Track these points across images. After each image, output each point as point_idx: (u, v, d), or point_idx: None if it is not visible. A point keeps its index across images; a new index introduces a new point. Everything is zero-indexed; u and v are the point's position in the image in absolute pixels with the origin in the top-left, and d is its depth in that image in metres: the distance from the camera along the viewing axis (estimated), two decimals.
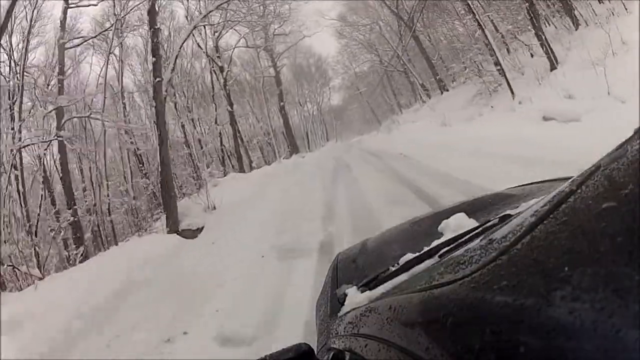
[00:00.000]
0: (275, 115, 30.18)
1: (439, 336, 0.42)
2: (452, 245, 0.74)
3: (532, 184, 1.33)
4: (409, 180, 6.80)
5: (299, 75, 37.12)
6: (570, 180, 0.47)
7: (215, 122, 19.80)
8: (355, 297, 0.83)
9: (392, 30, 27.03)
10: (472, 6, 12.18)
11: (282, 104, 29.02)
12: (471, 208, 1.10)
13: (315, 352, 0.72)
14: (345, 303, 0.85)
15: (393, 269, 0.80)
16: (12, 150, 7.74)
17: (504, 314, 0.35)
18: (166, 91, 11.05)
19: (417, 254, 0.80)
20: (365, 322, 0.66)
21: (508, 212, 0.82)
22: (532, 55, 12.07)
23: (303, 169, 15.28)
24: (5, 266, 5.88)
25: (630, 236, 0.31)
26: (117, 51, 13.75)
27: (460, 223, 0.92)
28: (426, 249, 0.80)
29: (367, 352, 0.59)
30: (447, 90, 20.63)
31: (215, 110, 19.72)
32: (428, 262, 0.74)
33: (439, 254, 0.74)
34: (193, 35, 16.24)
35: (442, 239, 0.82)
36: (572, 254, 0.35)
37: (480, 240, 0.57)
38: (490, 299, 0.38)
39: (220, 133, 19.87)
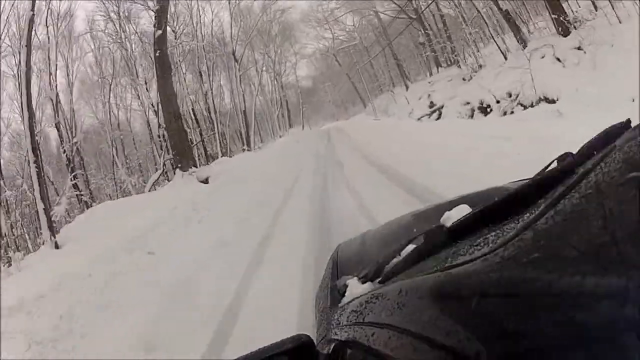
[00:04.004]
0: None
1: (463, 318, 0.38)
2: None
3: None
4: None
5: (246, 24, 22.36)
6: (591, 160, 0.47)
7: None
8: (356, 288, 0.80)
9: None
10: None
11: (158, 52, 10.51)
12: (473, 201, 1.04)
13: (315, 344, 0.69)
14: (346, 294, 0.82)
15: (395, 260, 0.76)
16: None
17: (539, 288, 0.32)
18: None
19: (420, 244, 0.75)
20: (371, 309, 0.61)
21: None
22: None
23: None
24: None
25: None
26: None
27: (462, 215, 0.90)
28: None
29: (374, 341, 0.54)
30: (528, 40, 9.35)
31: None
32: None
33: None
34: None
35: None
36: (599, 228, 0.33)
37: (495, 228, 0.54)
38: (520, 274, 0.35)
39: None
